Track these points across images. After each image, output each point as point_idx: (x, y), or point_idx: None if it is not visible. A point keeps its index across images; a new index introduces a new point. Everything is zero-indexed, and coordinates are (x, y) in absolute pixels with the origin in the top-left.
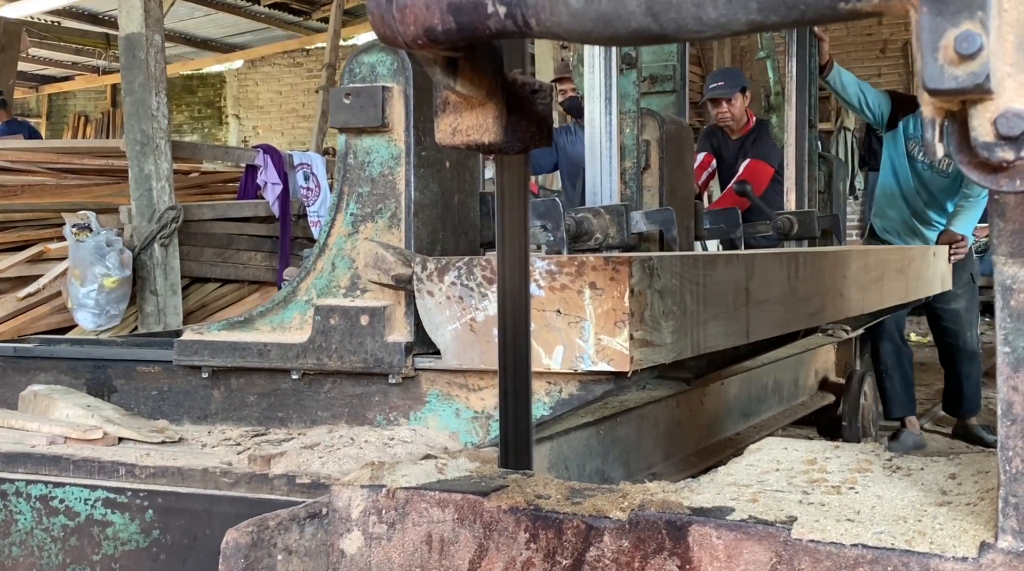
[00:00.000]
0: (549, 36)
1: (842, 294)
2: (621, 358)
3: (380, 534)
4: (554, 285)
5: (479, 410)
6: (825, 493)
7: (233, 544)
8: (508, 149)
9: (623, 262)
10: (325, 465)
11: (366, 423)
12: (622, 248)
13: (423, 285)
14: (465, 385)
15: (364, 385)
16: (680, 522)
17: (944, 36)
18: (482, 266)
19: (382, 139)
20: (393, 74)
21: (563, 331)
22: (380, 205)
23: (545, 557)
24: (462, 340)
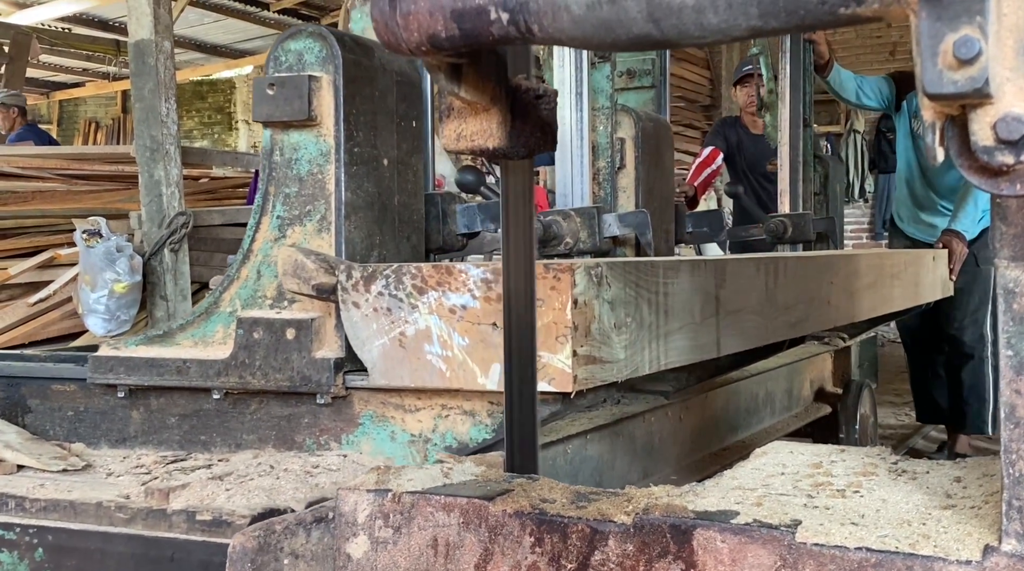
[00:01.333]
0: (551, 42)
1: (829, 302)
2: (563, 377)
3: (386, 538)
4: (489, 295)
5: (416, 433)
6: (830, 497)
7: (240, 549)
8: (513, 154)
9: (564, 270)
10: (231, 499)
11: (295, 447)
12: (594, 253)
13: (348, 295)
14: (401, 406)
15: (292, 406)
16: (684, 526)
17: (943, 41)
18: (412, 274)
19: (310, 134)
20: (322, 62)
21: (500, 347)
22: (309, 207)
23: (550, 561)
24: (390, 356)
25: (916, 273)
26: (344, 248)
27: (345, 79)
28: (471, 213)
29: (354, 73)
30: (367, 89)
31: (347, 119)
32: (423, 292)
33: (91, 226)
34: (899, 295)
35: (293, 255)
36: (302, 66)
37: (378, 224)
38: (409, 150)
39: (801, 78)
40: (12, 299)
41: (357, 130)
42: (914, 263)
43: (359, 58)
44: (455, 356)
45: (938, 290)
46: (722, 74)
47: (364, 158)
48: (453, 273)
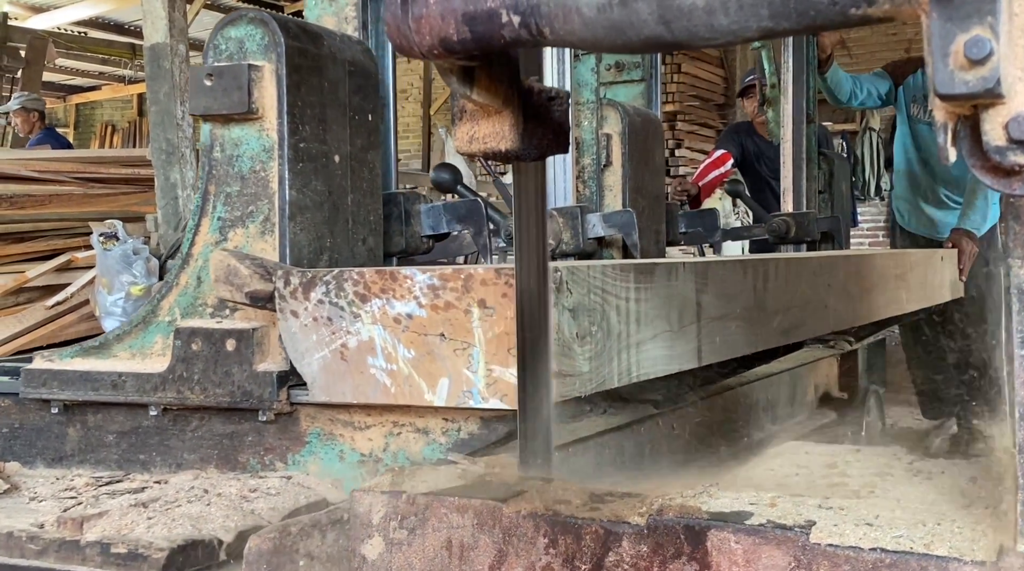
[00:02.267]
0: (563, 44)
1: (826, 306)
2: (514, 393)
3: (401, 540)
4: (437, 303)
5: (366, 452)
6: (845, 497)
7: (256, 550)
8: (525, 156)
9: (516, 275)
10: (152, 529)
11: (238, 467)
12: (577, 255)
13: (286, 304)
14: (350, 423)
15: (235, 423)
16: (698, 527)
17: (954, 41)
18: (354, 280)
19: (252, 129)
20: (264, 50)
21: (448, 360)
22: (251, 207)
23: (564, 562)
24: (331, 370)
25: (923, 274)
26: (289, 251)
27: (289, 68)
28: (436, 213)
29: (299, 62)
30: (315, 79)
31: (292, 112)
32: (366, 300)
33: (108, 229)
34: (905, 297)
35: (225, 260)
36: (243, 54)
37: (328, 225)
38: (364, 145)
39: (804, 72)
40: (30, 302)
41: (303, 123)
42: (921, 264)
43: (305, 46)
44: (400, 370)
45: (947, 292)
46: (736, 73)
47: (312, 154)
48: (398, 279)
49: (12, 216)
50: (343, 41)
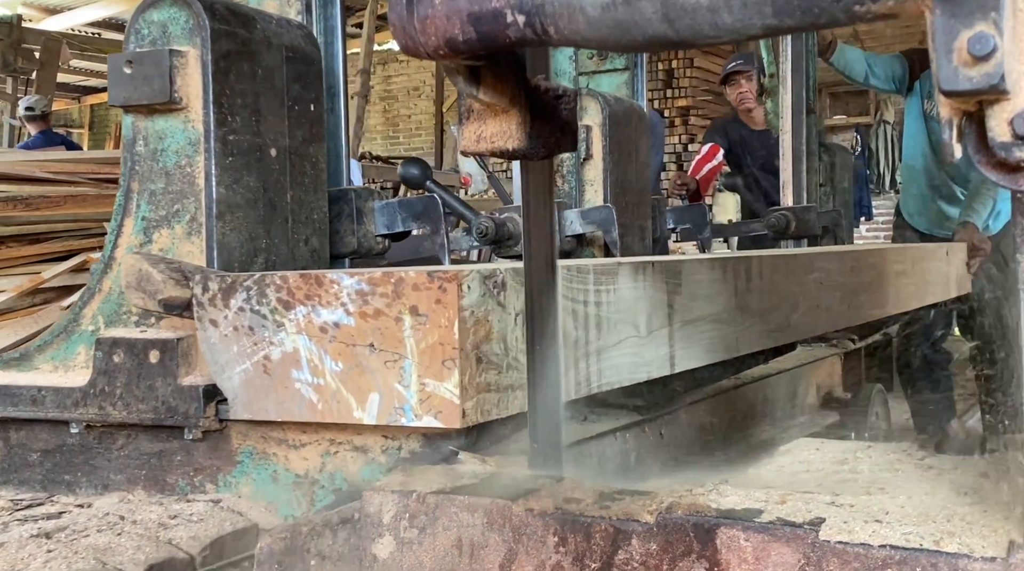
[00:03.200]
0: (567, 44)
1: (818, 305)
2: (450, 410)
3: (411, 539)
4: (366, 310)
5: (301, 473)
6: (855, 494)
7: (267, 550)
8: (532, 155)
9: (450, 278)
10: (49, 564)
11: (167, 489)
12: None
13: (204, 312)
14: (284, 440)
15: (163, 441)
16: (708, 525)
17: (958, 38)
18: (276, 286)
19: (177, 120)
20: (188, 34)
21: (378, 373)
22: (177, 206)
23: (574, 561)
24: (254, 385)
25: (927, 269)
26: (217, 254)
27: (216, 53)
28: (391, 211)
29: (228, 47)
30: (246, 66)
31: (219, 101)
32: (290, 307)
33: None
34: (906, 294)
35: (137, 264)
36: (167, 39)
37: (264, 225)
38: (306, 138)
39: (803, 61)
40: (46, 302)
41: (233, 114)
42: (924, 258)
43: (235, 29)
44: (328, 384)
45: (952, 287)
46: None
47: (243, 147)
48: (323, 283)
49: (28, 217)
50: (280, 25)
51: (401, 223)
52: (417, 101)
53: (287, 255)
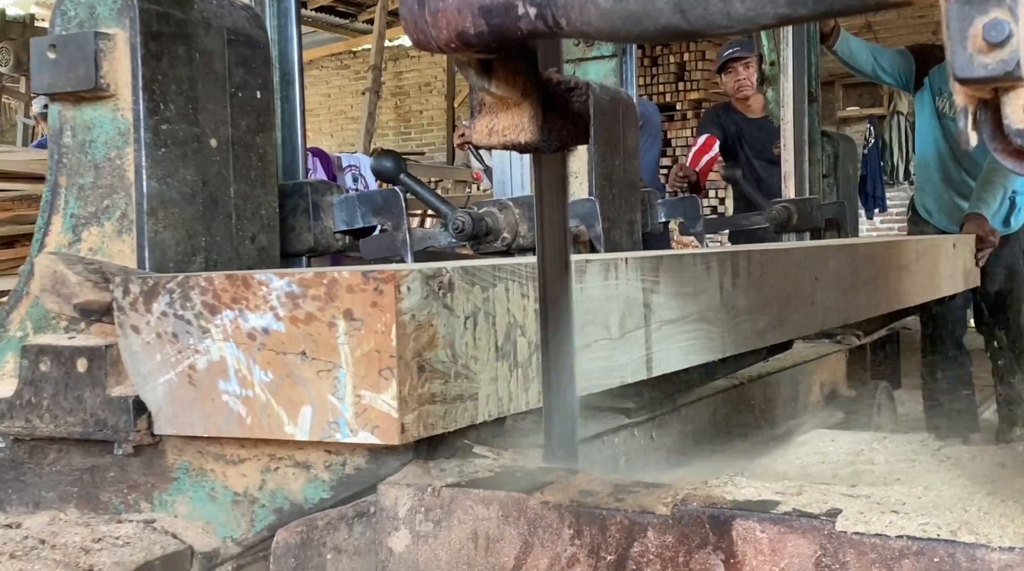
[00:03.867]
0: (579, 35)
1: (812, 302)
2: (388, 424)
3: (427, 532)
4: (297, 315)
5: (240, 491)
6: (871, 485)
7: (283, 544)
8: (545, 148)
9: (387, 279)
10: None
11: (100, 508)
12: None
13: (126, 317)
14: (222, 456)
15: (96, 456)
16: (724, 516)
17: (972, 24)
18: (201, 288)
19: (106, 109)
20: (116, 16)
21: (311, 384)
22: (107, 201)
23: (590, 553)
24: (178, 397)
25: (933, 263)
26: (149, 253)
27: (146, 36)
28: (350, 205)
29: (160, 28)
30: (181, 49)
31: (150, 88)
32: (216, 311)
33: None
34: (910, 289)
35: (52, 265)
36: (94, 21)
37: (203, 221)
38: (251, 127)
39: (805, 48)
40: None
41: (166, 102)
42: (929, 251)
43: (168, 10)
44: (257, 396)
45: (960, 281)
46: None
47: (178, 138)
48: (251, 285)
49: None
50: (221, 5)
51: (361, 218)
52: (429, 96)
53: (231, 254)
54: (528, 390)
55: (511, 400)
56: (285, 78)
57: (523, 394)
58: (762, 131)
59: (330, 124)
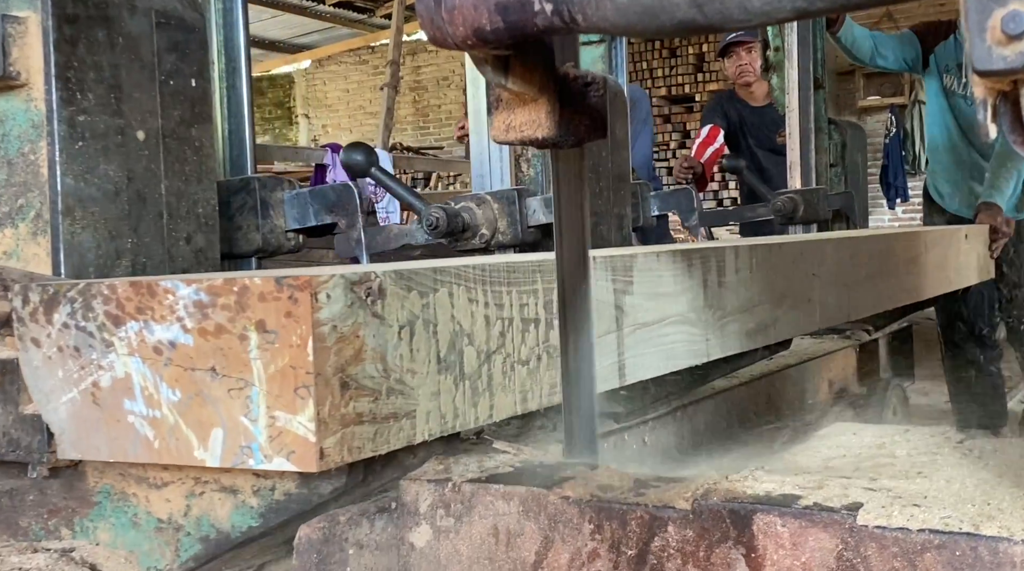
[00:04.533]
0: (595, 31)
1: (810, 299)
2: (305, 449)
3: (448, 527)
4: (206, 326)
5: (164, 518)
6: (893, 478)
7: (306, 540)
8: (562, 143)
9: (303, 285)
10: None
11: (20, 534)
12: (517, 246)
13: (26, 329)
14: (144, 479)
15: (15, 477)
16: (744, 511)
17: (991, 16)
18: (104, 297)
19: (18, 100)
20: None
21: (222, 403)
22: (21, 200)
23: (610, 548)
24: (81, 418)
25: (943, 255)
26: (65, 256)
27: (59, 19)
28: (301, 202)
29: (75, 11)
30: (101, 34)
31: (64, 76)
32: (120, 322)
33: None
34: (919, 283)
35: None
36: (4, 4)
37: (129, 221)
38: (185, 119)
39: (810, 33)
40: None
41: (84, 91)
42: (940, 243)
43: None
44: (164, 417)
45: (974, 273)
46: None
47: (98, 130)
48: (156, 294)
49: None
50: None
51: (313, 216)
52: (447, 91)
53: (162, 257)
54: (477, 405)
55: (456, 416)
56: (231, 66)
57: (471, 409)
58: (764, 119)
59: (349, 119)
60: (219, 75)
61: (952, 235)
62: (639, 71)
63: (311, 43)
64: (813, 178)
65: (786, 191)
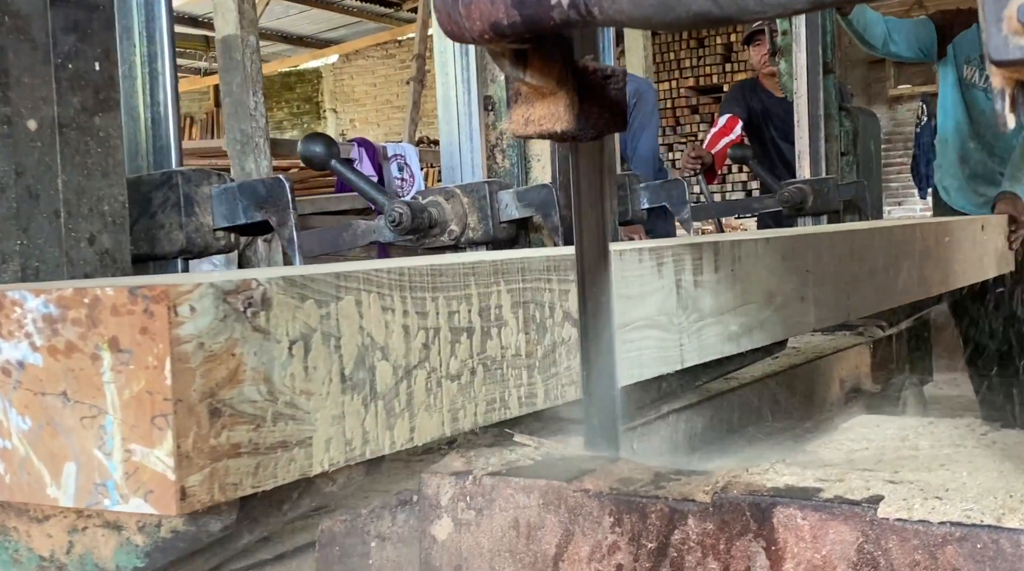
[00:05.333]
0: (611, 23)
1: (803, 298)
2: (163, 488)
3: (469, 520)
4: (56, 344)
5: (47, 555)
6: (915, 470)
7: (328, 532)
8: (582, 136)
9: (159, 297)
10: None
11: None
12: (490, 244)
13: None
14: (25, 512)
15: None
16: (764, 504)
17: (1008, 5)
18: None
19: None
20: None
21: (75, 434)
22: None
23: (630, 541)
24: None
25: (956, 248)
26: None
27: None
28: (230, 198)
29: None
30: None
31: None
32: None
33: None
34: (927, 278)
35: None
36: None
37: (17, 220)
38: (87, 107)
39: (819, 15)
40: None
41: None
42: (950, 235)
43: None
44: (16, 448)
45: (991, 267)
46: None
47: None
48: (3, 306)
49: None
50: None
51: (243, 213)
52: None
53: (59, 259)
54: (394, 428)
55: (367, 442)
56: (153, 49)
57: (385, 433)
58: (789, 110)
59: (376, 114)
60: (140, 60)
61: (966, 227)
62: (666, 62)
63: (338, 38)
64: (823, 167)
65: (794, 181)
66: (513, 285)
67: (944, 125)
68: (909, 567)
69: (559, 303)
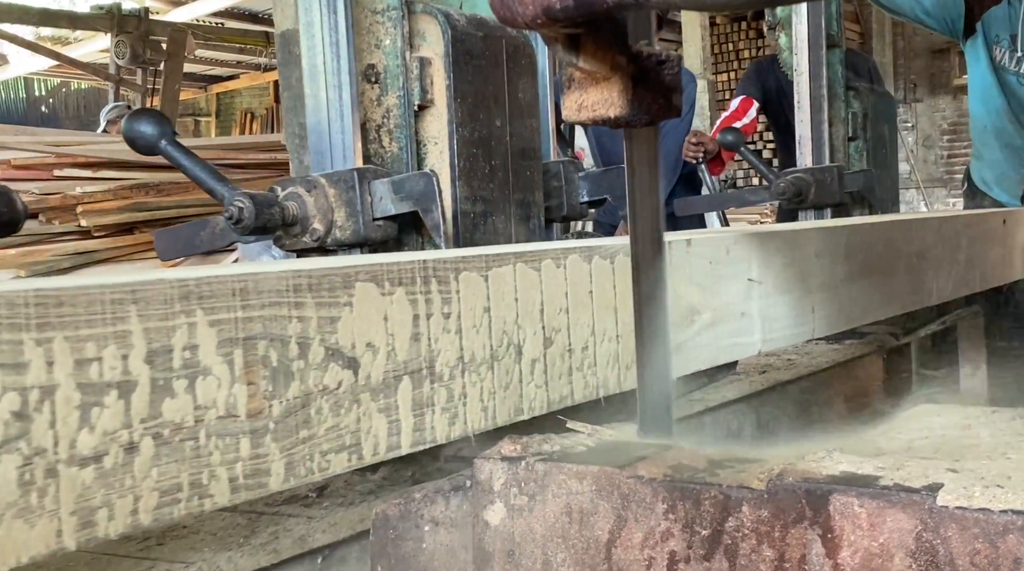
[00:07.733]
0: (666, 6)
1: (744, 313)
2: None
3: (521, 505)
4: None
5: None
6: (976, 459)
7: (382, 516)
8: (635, 122)
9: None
10: None
11: None
12: (363, 245)
13: None
14: None
15: None
16: (820, 491)
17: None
18: None
19: None
20: None
21: None
22: None
23: (684, 527)
24: None
25: (966, 248)
26: None
27: None
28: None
29: None
30: None
31: None
32: None
33: None
34: (931, 282)
35: None
36: None
37: None
38: None
39: None
40: None
41: None
42: (961, 232)
43: None
44: None
45: (1017, 266)
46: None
47: None
48: None
49: (159, 203)
50: None
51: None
52: None
53: None
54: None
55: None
56: None
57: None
58: None
59: None
60: None
61: (984, 221)
62: (724, 52)
63: None
64: (827, 154)
65: (793, 170)
66: (222, 314)
67: (978, 111)
68: (969, 556)
69: (317, 337)
